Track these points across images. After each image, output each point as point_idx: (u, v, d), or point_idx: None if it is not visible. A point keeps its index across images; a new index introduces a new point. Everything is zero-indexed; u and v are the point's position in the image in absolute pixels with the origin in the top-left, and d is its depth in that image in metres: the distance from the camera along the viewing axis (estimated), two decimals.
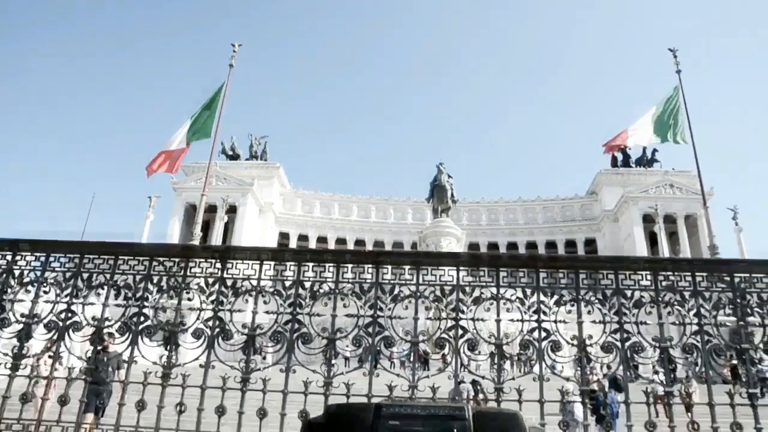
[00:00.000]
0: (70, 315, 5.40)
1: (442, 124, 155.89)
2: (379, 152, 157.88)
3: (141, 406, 5.16)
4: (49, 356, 5.70)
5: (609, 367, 15.22)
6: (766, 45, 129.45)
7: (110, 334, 7.59)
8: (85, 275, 5.54)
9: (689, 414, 5.78)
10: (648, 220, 61.20)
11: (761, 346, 5.12)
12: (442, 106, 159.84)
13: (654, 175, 67.48)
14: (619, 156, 69.17)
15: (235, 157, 71.60)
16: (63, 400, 5.26)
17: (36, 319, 5.44)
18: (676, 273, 5.33)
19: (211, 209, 57.50)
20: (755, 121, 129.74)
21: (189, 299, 5.55)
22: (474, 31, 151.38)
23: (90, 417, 8.47)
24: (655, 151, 68.08)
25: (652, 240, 60.95)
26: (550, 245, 71.42)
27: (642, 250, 60.88)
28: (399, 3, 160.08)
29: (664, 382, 5.72)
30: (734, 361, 5.54)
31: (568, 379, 5.77)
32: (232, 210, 62.57)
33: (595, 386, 12.11)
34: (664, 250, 55.92)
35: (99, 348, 5.92)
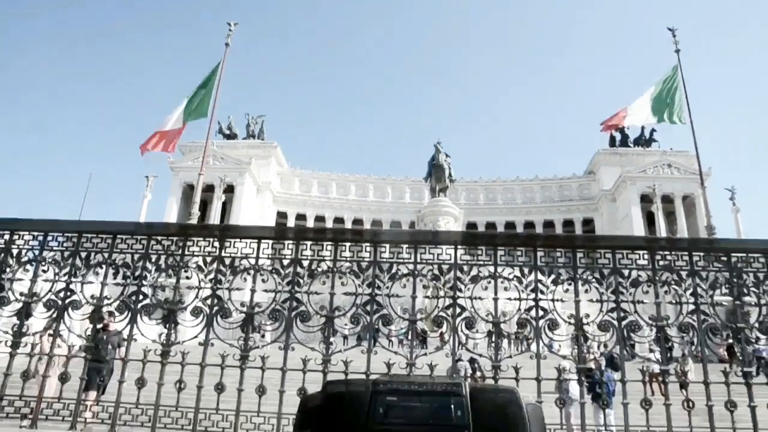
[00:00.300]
0: (69, 294, 5.42)
1: (440, 103, 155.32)
2: (377, 131, 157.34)
3: (141, 383, 5.20)
4: (49, 335, 5.72)
5: (606, 345, 15.34)
6: (765, 29, 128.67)
7: (110, 313, 7.61)
8: (84, 254, 5.55)
9: (684, 392, 5.86)
10: (646, 200, 61.14)
11: (756, 325, 5.16)
12: (440, 85, 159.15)
13: (652, 155, 67.25)
14: (618, 136, 68.89)
15: (232, 136, 71.16)
16: (63, 378, 5.29)
17: (35, 298, 5.46)
18: (673, 252, 5.36)
19: (209, 189, 57.31)
20: (754, 102, 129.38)
21: (187, 278, 5.57)
22: (474, 11, 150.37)
23: (93, 395, 8.52)
24: (653, 131, 67.73)
25: (650, 220, 60.96)
26: (548, 225, 71.36)
27: (639, 229, 60.90)
28: None
29: (660, 361, 5.76)
30: (730, 341, 5.57)
31: (564, 357, 5.81)
32: (229, 189, 62.36)
33: (591, 365, 12.20)
34: (662, 230, 55.93)
35: (99, 327, 5.94)
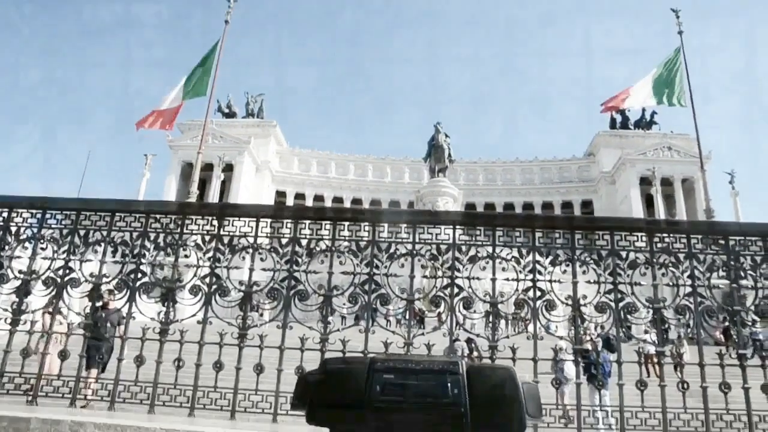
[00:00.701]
0: (68, 271, 5.43)
1: (441, 83, 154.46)
2: (378, 111, 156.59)
3: (140, 361, 5.22)
4: (49, 312, 5.74)
5: (602, 327, 15.38)
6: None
7: (110, 291, 7.64)
8: (82, 232, 5.54)
9: (679, 374, 5.88)
10: (645, 182, 61.16)
11: (753, 308, 5.19)
12: (441, 64, 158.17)
13: (652, 137, 67.09)
14: (618, 117, 68.76)
15: (231, 115, 70.81)
16: (63, 356, 5.32)
17: (34, 276, 5.46)
18: (671, 235, 5.36)
19: (208, 167, 57.04)
20: (755, 86, 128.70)
21: (186, 256, 5.57)
22: None
23: (94, 372, 8.57)
24: (654, 113, 67.57)
25: (649, 202, 61.01)
26: (547, 206, 71.33)
27: (638, 212, 60.93)
28: None
29: (656, 343, 5.81)
30: (727, 324, 5.60)
31: (561, 338, 5.84)
32: (228, 168, 62.23)
33: (588, 345, 12.27)
34: (660, 213, 55.99)
35: (99, 305, 5.96)
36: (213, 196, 58.84)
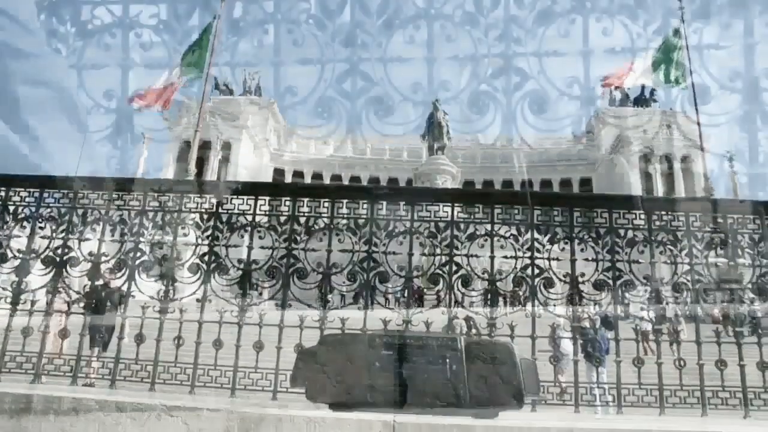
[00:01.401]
0: (67, 251, 5.42)
1: (438, 62, 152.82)
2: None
3: (140, 339, 5.24)
4: (47, 292, 5.74)
5: (600, 305, 15.40)
6: None
7: (111, 270, 7.65)
8: (80, 211, 5.52)
9: (674, 350, 5.91)
10: (644, 160, 61.04)
11: (749, 286, 5.20)
12: (438, 42, 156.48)
13: (652, 115, 66.68)
14: (618, 95, 68.21)
15: (228, 92, 70.12)
16: (63, 334, 5.34)
17: (33, 255, 5.45)
18: (670, 213, 5.36)
19: (206, 146, 56.75)
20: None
21: (185, 235, 5.56)
22: None
23: (96, 351, 8.59)
24: (653, 91, 66.67)
25: (647, 180, 60.90)
26: (546, 184, 71.08)
27: (637, 190, 60.62)
28: None
29: (653, 320, 5.85)
30: (725, 303, 5.63)
31: (559, 316, 5.86)
32: (226, 147, 61.94)
33: (586, 323, 12.31)
34: (659, 191, 55.98)
35: (99, 284, 5.96)
36: (211, 174, 58.65)
